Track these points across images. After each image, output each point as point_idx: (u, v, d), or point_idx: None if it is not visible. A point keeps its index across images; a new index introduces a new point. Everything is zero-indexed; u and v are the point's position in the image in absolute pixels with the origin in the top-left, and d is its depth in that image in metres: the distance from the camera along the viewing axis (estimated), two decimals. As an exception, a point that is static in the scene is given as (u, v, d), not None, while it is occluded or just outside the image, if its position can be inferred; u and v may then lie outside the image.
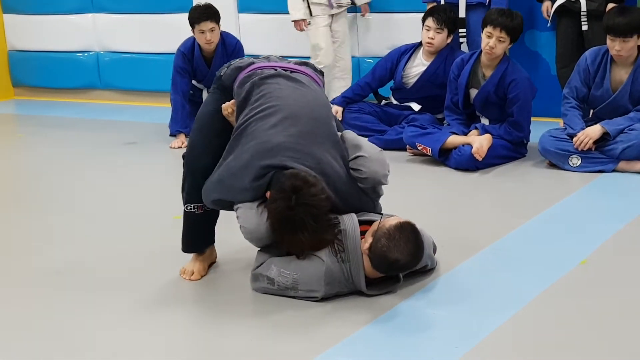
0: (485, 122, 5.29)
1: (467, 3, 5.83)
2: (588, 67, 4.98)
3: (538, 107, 5.70)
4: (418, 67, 5.78)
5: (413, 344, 2.81)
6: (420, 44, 5.79)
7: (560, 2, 5.68)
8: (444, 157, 5.11)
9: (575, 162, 4.89)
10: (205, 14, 5.83)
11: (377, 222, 3.13)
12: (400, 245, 2.98)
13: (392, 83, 5.92)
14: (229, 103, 3.38)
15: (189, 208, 3.43)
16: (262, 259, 3.26)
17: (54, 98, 8.27)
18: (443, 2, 5.90)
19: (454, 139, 5.10)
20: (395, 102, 5.92)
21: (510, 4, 5.68)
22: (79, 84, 8.14)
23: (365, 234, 3.13)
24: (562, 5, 5.69)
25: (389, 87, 5.98)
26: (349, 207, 3.25)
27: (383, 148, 3.83)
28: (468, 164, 5.00)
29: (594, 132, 4.86)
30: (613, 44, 4.82)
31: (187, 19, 5.92)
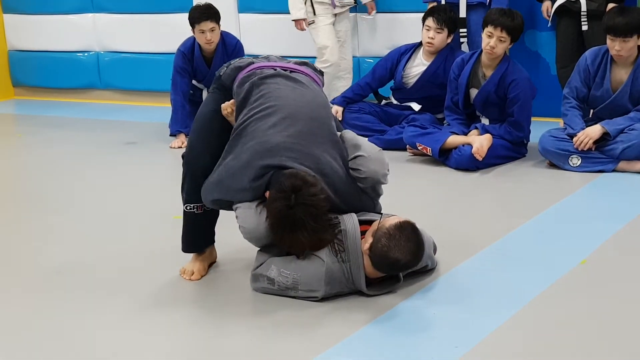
0: (486, 122, 5.29)
1: (467, 3, 5.83)
2: (588, 67, 4.98)
3: (538, 107, 5.70)
4: (418, 67, 5.78)
5: (413, 344, 2.81)
6: (421, 44, 5.79)
7: (560, 2, 5.68)
8: (444, 157, 5.11)
9: (576, 162, 4.89)
10: (206, 14, 5.83)
11: (376, 221, 3.12)
12: (401, 245, 2.98)
13: (392, 83, 5.92)
14: (228, 103, 3.38)
15: (189, 208, 3.43)
16: (262, 259, 3.26)
17: (54, 98, 8.27)
18: (444, 2, 5.90)
19: (454, 139, 5.10)
20: (396, 102, 5.91)
21: (511, 4, 5.67)
22: (79, 84, 8.14)
23: (365, 234, 3.12)
24: (562, 5, 5.69)
25: (389, 87, 5.98)
26: (349, 206, 3.25)
27: (383, 148, 3.83)
28: (468, 164, 4.99)
29: (594, 132, 4.86)
30: (613, 44, 4.82)
31: (187, 19, 5.91)
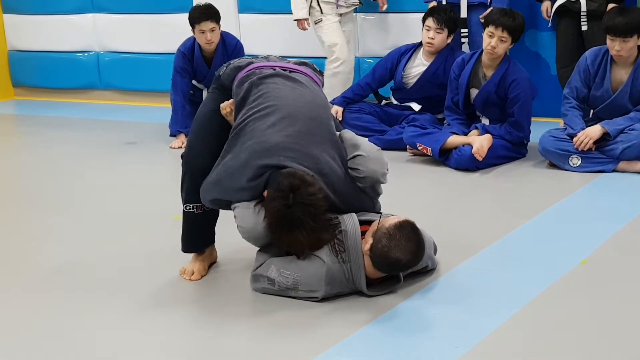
0: (486, 122, 5.29)
1: (468, 3, 5.83)
2: (588, 67, 4.98)
3: (538, 107, 5.71)
4: (418, 67, 5.77)
5: (413, 344, 2.81)
6: (421, 44, 5.79)
7: (560, 2, 5.68)
8: (444, 157, 5.11)
9: (576, 162, 4.89)
10: (206, 14, 5.83)
11: (376, 222, 3.12)
12: (401, 244, 2.98)
13: (392, 83, 5.92)
14: (227, 102, 3.38)
15: (188, 208, 3.43)
16: (261, 260, 3.26)
17: (54, 98, 8.27)
18: (444, 2, 5.90)
19: (454, 139, 5.10)
20: (396, 102, 5.91)
21: (511, 4, 5.67)
22: (79, 84, 8.14)
23: (365, 235, 3.12)
24: (562, 6, 5.69)
25: (389, 87, 5.98)
26: (348, 206, 3.25)
27: (383, 148, 3.83)
28: (468, 164, 4.99)
29: (594, 132, 4.86)
30: (613, 44, 4.82)
31: (187, 19, 5.92)
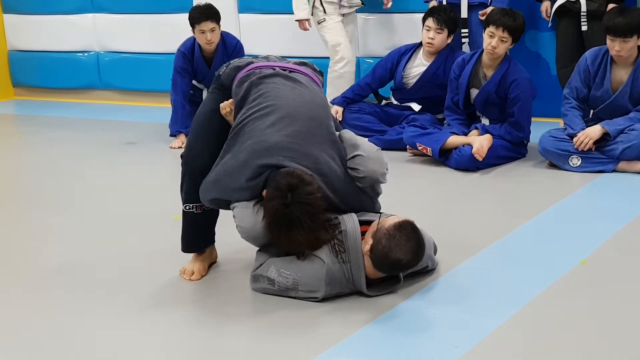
0: (486, 122, 5.29)
1: (469, 3, 5.83)
2: (588, 67, 4.98)
3: (538, 107, 5.70)
4: (418, 67, 5.77)
5: (413, 344, 2.81)
6: (421, 44, 5.79)
7: (560, 2, 5.68)
8: (444, 157, 5.11)
9: (576, 162, 4.89)
10: (206, 14, 5.83)
11: (375, 222, 3.11)
12: (402, 244, 2.98)
13: (392, 83, 5.92)
14: (227, 102, 3.38)
15: (188, 208, 3.42)
16: (261, 260, 3.25)
17: (54, 98, 8.27)
18: (445, 2, 5.89)
19: (454, 139, 5.10)
20: (396, 102, 5.91)
21: (511, 4, 5.67)
22: (79, 84, 8.14)
23: (365, 235, 3.12)
24: (562, 6, 5.69)
25: (389, 87, 5.98)
26: (348, 206, 3.25)
27: (383, 148, 3.84)
28: (468, 164, 4.99)
29: (594, 132, 4.86)
30: (613, 44, 4.82)
31: (187, 19, 5.91)
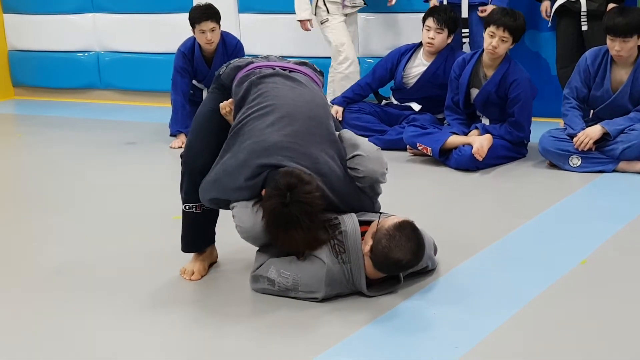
0: (486, 122, 5.29)
1: (469, 3, 5.83)
2: (588, 67, 4.98)
3: (538, 107, 5.70)
4: (418, 67, 5.77)
5: (413, 344, 2.81)
6: (421, 44, 5.79)
7: (561, 2, 5.68)
8: (445, 157, 5.11)
9: (576, 162, 4.89)
10: (206, 14, 5.83)
11: (375, 222, 3.11)
12: (402, 245, 2.97)
13: (392, 83, 5.92)
14: (227, 102, 3.38)
15: (188, 207, 3.42)
16: (261, 260, 3.25)
17: (54, 98, 8.28)
18: (445, 2, 5.89)
19: (455, 139, 5.10)
20: (396, 102, 5.91)
21: (511, 4, 5.67)
22: (79, 84, 8.14)
23: (365, 235, 3.11)
24: (562, 6, 5.69)
25: (389, 87, 5.98)
26: (348, 206, 3.25)
27: (383, 148, 3.84)
28: (468, 164, 4.99)
29: (594, 132, 4.86)
30: (613, 44, 4.82)
31: (187, 19, 5.91)
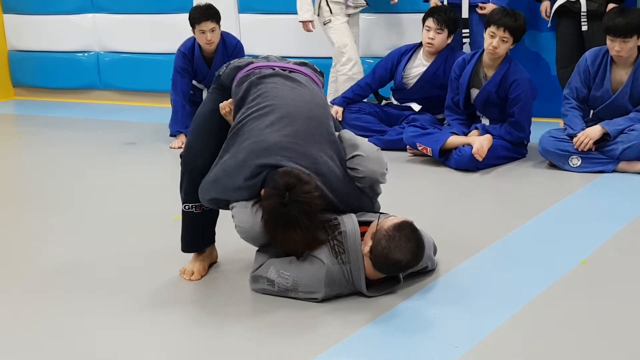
0: (486, 122, 5.29)
1: (470, 3, 5.83)
2: (588, 67, 4.98)
3: (538, 107, 5.71)
4: (418, 67, 5.78)
5: (413, 344, 2.81)
6: (421, 45, 5.79)
7: (560, 2, 5.68)
8: (444, 157, 5.11)
9: (576, 162, 4.89)
10: (206, 14, 5.83)
11: (374, 223, 3.11)
12: (401, 245, 2.97)
13: (392, 83, 5.92)
14: (226, 102, 3.38)
15: (187, 207, 3.42)
16: (261, 261, 3.25)
17: (54, 98, 8.28)
18: (446, 2, 5.89)
19: (454, 139, 5.10)
20: (396, 102, 5.92)
21: (511, 4, 5.68)
22: (79, 84, 8.15)
23: (364, 236, 3.11)
24: (562, 6, 5.69)
25: (389, 87, 5.98)
26: (347, 206, 3.25)
27: (383, 148, 3.84)
28: (468, 164, 4.99)
29: (594, 132, 4.86)
30: (613, 45, 4.82)
31: (187, 19, 5.92)
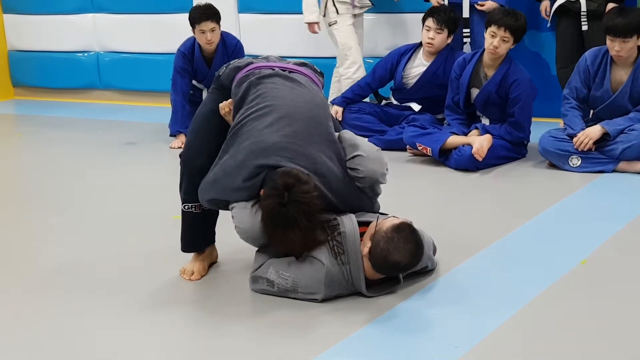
0: (486, 122, 5.29)
1: (470, 3, 5.83)
2: (588, 67, 4.98)
3: (538, 107, 5.70)
4: (418, 67, 5.77)
5: (413, 344, 2.81)
6: (421, 45, 5.79)
7: (560, 2, 5.68)
8: (444, 157, 5.11)
9: (575, 162, 4.89)
10: (206, 14, 5.83)
11: (373, 224, 3.10)
12: (400, 246, 2.97)
13: (392, 83, 5.92)
14: (226, 102, 3.38)
15: (187, 207, 3.42)
16: (261, 261, 3.25)
17: (54, 98, 8.28)
18: (446, 2, 5.89)
19: (454, 139, 5.10)
20: (396, 102, 5.91)
21: (510, 4, 5.67)
22: (79, 84, 8.14)
23: (363, 237, 3.11)
24: (562, 6, 5.69)
25: (389, 87, 5.98)
26: (347, 206, 3.24)
27: (383, 148, 3.83)
28: (468, 164, 4.99)
29: (594, 132, 4.86)
30: (613, 45, 4.82)
31: (187, 19, 5.92)
